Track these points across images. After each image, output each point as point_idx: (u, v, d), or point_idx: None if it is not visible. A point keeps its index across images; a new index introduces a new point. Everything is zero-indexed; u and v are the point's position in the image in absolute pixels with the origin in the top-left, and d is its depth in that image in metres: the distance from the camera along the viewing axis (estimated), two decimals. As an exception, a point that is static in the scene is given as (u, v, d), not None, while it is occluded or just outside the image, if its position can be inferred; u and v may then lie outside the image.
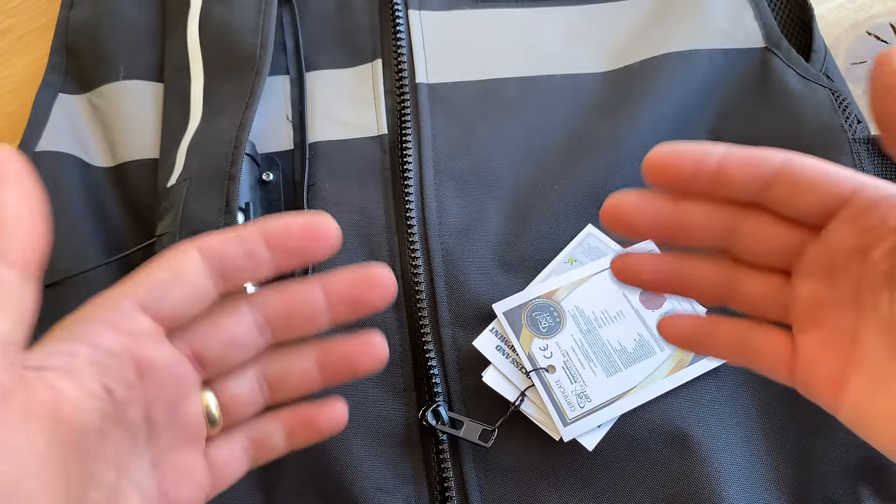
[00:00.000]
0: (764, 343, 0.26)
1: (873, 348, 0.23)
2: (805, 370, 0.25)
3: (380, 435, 0.38)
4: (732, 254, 0.26)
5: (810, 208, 0.24)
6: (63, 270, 0.40)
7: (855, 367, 0.24)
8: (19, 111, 0.52)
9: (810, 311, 0.25)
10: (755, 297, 0.26)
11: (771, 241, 0.25)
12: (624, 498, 0.36)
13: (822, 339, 0.25)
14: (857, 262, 0.24)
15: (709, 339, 0.27)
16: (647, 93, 0.44)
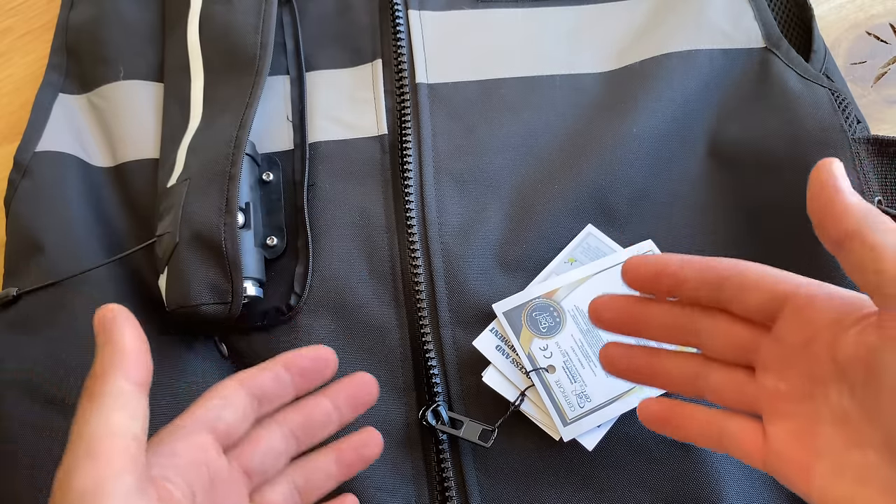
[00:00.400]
0: (737, 433, 0.28)
1: (829, 437, 0.26)
2: (775, 459, 0.27)
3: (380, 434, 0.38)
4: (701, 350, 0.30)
5: (757, 306, 0.27)
6: (63, 270, 0.40)
7: (817, 456, 0.26)
8: (20, 111, 0.52)
9: (773, 403, 0.28)
10: (724, 390, 0.29)
11: (728, 338, 0.29)
12: (624, 498, 0.36)
13: (787, 430, 0.27)
14: (805, 356, 0.27)
15: (684, 424, 0.30)
16: (646, 93, 0.44)
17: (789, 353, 0.27)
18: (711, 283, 0.28)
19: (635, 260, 0.30)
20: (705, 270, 0.28)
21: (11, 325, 0.40)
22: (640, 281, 0.30)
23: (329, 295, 0.41)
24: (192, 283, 0.38)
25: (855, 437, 0.25)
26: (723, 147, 0.43)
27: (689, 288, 0.29)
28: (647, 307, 0.31)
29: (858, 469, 0.25)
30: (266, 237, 0.42)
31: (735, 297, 0.28)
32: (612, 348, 0.33)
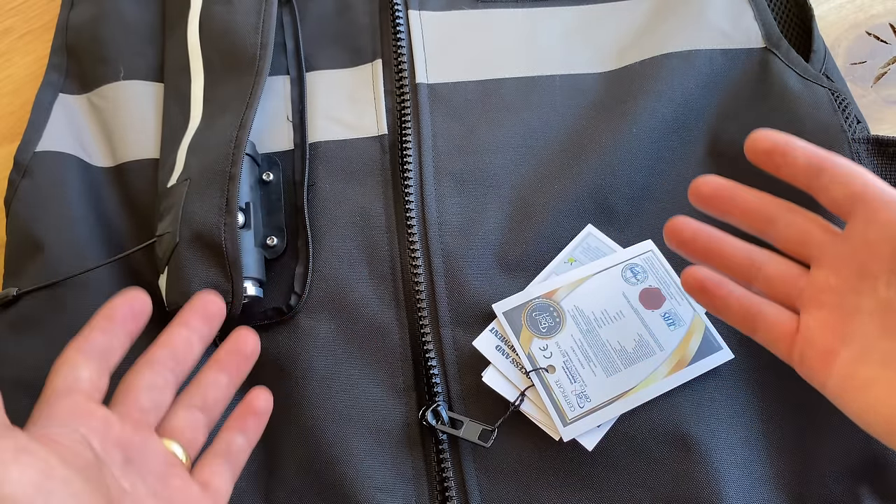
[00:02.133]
0: (772, 317, 0.31)
1: (865, 325, 0.28)
2: (802, 346, 0.29)
3: (380, 434, 0.38)
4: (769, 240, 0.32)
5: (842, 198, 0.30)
6: (63, 270, 0.40)
7: (846, 341, 0.28)
8: (20, 111, 0.52)
9: (818, 295, 0.30)
10: (775, 279, 0.31)
11: (801, 233, 0.31)
12: (624, 498, 0.36)
13: (823, 319, 0.29)
14: (866, 252, 0.29)
15: (724, 299, 0.32)
16: (646, 93, 0.44)
17: (852, 248, 0.29)
18: (814, 168, 0.30)
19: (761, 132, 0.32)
20: (812, 157, 0.31)
21: (11, 325, 0.40)
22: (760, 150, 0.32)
23: (329, 295, 0.41)
24: (192, 282, 0.38)
25: (892, 327, 0.27)
26: (723, 147, 0.43)
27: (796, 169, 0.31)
28: (740, 190, 0.33)
29: (887, 353, 0.27)
30: (266, 237, 0.42)
31: (828, 187, 0.30)
32: (683, 220, 0.34)
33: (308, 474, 0.38)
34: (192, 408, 0.32)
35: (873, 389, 0.27)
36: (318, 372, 0.39)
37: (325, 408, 0.38)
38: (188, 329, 0.33)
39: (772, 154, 0.32)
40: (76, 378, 0.29)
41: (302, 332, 0.40)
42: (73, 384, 0.29)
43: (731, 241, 0.33)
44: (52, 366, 0.29)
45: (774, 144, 0.31)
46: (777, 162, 0.32)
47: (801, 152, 0.31)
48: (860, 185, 0.29)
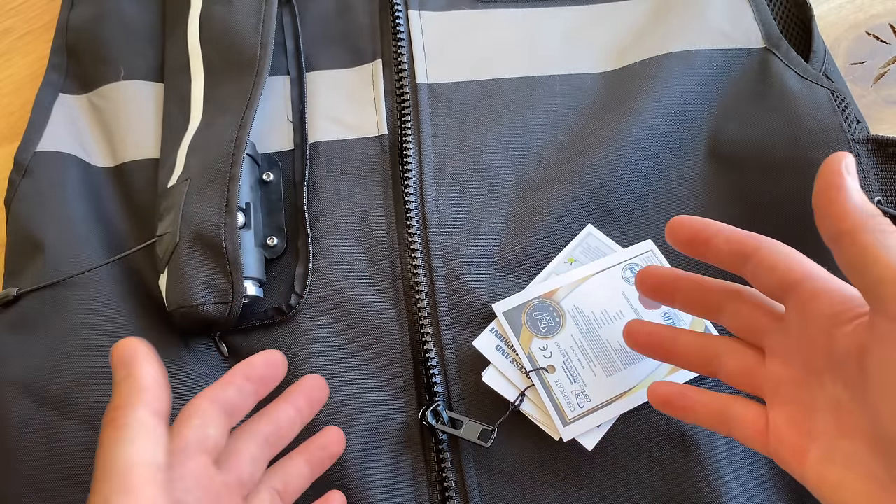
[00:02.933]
0: (741, 417, 0.30)
1: (823, 424, 0.27)
2: (775, 443, 0.28)
3: (380, 434, 0.38)
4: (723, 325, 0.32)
5: (771, 287, 0.29)
6: (63, 270, 0.40)
7: (811, 440, 0.27)
8: (20, 111, 0.52)
9: (776, 388, 0.29)
10: (736, 373, 0.31)
11: (747, 320, 0.31)
12: (623, 497, 0.36)
13: (786, 415, 0.28)
14: (806, 346, 0.28)
15: (692, 407, 0.32)
16: (646, 93, 0.44)
17: (793, 340, 0.29)
18: (739, 256, 0.30)
19: (678, 219, 0.32)
20: (734, 243, 0.30)
21: (11, 325, 0.40)
22: (678, 239, 0.32)
23: (329, 295, 0.41)
24: (192, 282, 0.38)
25: (845, 426, 0.26)
26: (722, 147, 0.43)
27: (720, 256, 0.31)
28: (681, 280, 0.33)
29: (847, 456, 0.26)
30: (266, 237, 0.42)
31: (755, 275, 0.30)
32: (635, 324, 0.35)
33: (308, 474, 0.38)
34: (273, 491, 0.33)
35: (842, 493, 0.26)
36: (318, 372, 0.39)
37: (325, 407, 0.38)
38: (295, 410, 0.34)
39: (692, 242, 0.31)
40: (206, 435, 0.30)
41: (302, 332, 0.40)
42: (203, 441, 0.30)
43: (684, 339, 0.33)
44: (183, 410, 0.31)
45: (693, 232, 0.31)
46: (701, 251, 0.31)
47: (723, 239, 0.30)
48: (790, 273, 0.28)
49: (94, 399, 0.38)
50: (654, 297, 0.34)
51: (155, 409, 0.28)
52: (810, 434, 0.27)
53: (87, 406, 0.37)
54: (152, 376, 0.29)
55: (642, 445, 0.37)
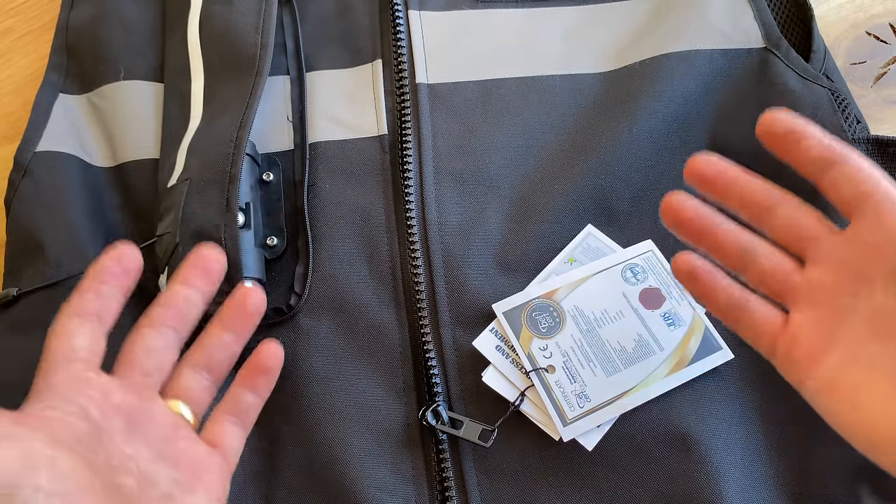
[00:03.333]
0: (757, 312, 0.30)
1: (856, 329, 0.27)
2: (787, 343, 0.29)
3: (380, 434, 0.38)
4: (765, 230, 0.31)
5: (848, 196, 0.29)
6: (63, 270, 0.40)
7: (833, 343, 0.27)
8: (20, 111, 0.52)
9: (811, 293, 0.29)
10: (768, 273, 0.30)
11: (797, 225, 0.30)
12: (624, 498, 0.36)
13: (814, 318, 0.28)
14: (867, 254, 0.28)
15: (712, 288, 0.31)
16: (646, 93, 0.44)
17: (853, 250, 0.28)
18: (825, 161, 0.29)
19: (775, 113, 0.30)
20: (826, 148, 0.29)
21: (11, 325, 0.40)
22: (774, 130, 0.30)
23: (329, 295, 0.41)
24: (192, 283, 0.38)
25: (883, 332, 0.27)
26: (722, 147, 0.43)
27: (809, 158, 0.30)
28: (741, 176, 0.31)
29: (875, 357, 0.26)
30: (266, 237, 0.42)
31: (835, 182, 0.29)
32: (682, 197, 0.32)
33: (308, 474, 0.38)
34: (198, 367, 0.32)
35: (857, 394, 0.26)
36: (318, 372, 0.39)
37: (324, 408, 0.38)
38: (188, 287, 0.33)
39: (786, 139, 0.30)
40: (72, 347, 0.29)
41: (302, 332, 0.40)
42: (70, 353, 0.28)
43: (727, 227, 0.31)
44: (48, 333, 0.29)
45: (790, 128, 0.30)
46: (790, 148, 0.30)
47: (815, 142, 0.29)
48: (871, 185, 0.28)
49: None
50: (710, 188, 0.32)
51: None
52: (834, 338, 0.28)
53: (87, 406, 0.37)
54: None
55: (642, 445, 0.37)
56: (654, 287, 0.40)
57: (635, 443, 0.37)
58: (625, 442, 0.37)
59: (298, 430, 0.38)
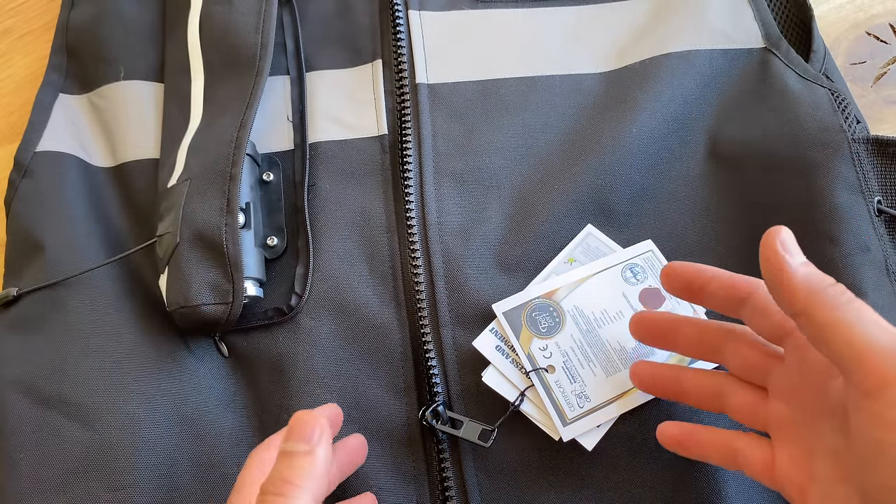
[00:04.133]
0: (748, 454, 0.30)
1: (825, 468, 0.27)
2: (781, 479, 0.29)
3: (380, 434, 0.38)
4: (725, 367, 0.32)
5: (767, 331, 0.30)
6: (63, 270, 0.40)
7: (812, 482, 0.27)
8: (20, 111, 0.52)
9: (780, 428, 0.29)
10: (742, 410, 0.31)
11: (747, 360, 0.31)
12: (623, 498, 0.36)
13: (789, 455, 0.29)
14: (805, 389, 0.28)
15: (701, 444, 0.32)
16: (646, 93, 0.44)
17: (793, 383, 0.29)
18: (734, 301, 0.30)
19: (672, 267, 0.32)
20: (728, 289, 0.30)
21: (12, 325, 0.40)
22: (675, 286, 0.32)
23: (329, 295, 0.41)
24: (192, 283, 0.38)
25: (841, 473, 0.26)
26: (722, 147, 0.43)
27: (717, 302, 0.31)
28: (680, 324, 0.33)
29: (844, 500, 0.26)
30: (266, 237, 0.42)
31: (751, 319, 0.30)
32: (641, 366, 0.35)
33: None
34: None
35: None
36: (318, 372, 0.39)
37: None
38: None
39: (689, 289, 0.32)
40: None
41: (302, 332, 0.40)
42: None
43: (690, 377, 0.33)
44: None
45: (688, 279, 0.31)
46: (697, 296, 0.32)
47: (716, 285, 0.30)
48: (782, 319, 0.29)
49: (94, 399, 0.38)
50: (655, 342, 0.35)
51: (318, 496, 0.28)
52: (811, 475, 0.28)
53: (87, 406, 0.37)
54: (326, 460, 0.28)
55: (642, 445, 0.37)
56: (654, 287, 0.40)
57: (635, 443, 0.37)
58: (625, 442, 0.37)
59: (298, 430, 0.38)
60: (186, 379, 0.39)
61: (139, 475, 0.36)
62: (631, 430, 0.37)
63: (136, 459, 0.37)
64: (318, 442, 0.28)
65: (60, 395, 0.38)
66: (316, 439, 0.28)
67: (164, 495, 0.37)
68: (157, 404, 0.38)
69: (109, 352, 0.39)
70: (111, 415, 0.37)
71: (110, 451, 0.37)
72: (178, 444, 0.38)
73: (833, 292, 0.26)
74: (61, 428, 0.37)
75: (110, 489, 0.36)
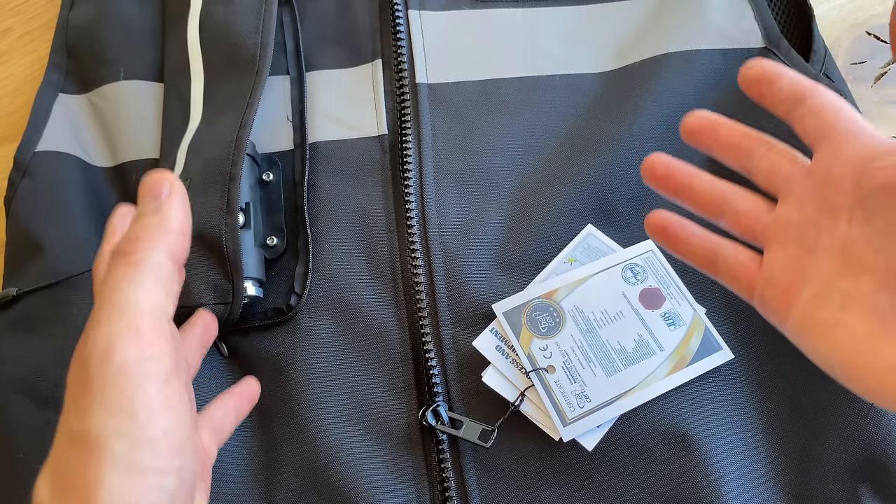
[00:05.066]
0: (732, 257, 0.30)
1: (824, 263, 0.26)
2: (763, 285, 0.28)
3: (380, 435, 0.38)
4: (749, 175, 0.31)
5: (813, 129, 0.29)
6: (63, 270, 0.40)
7: (806, 280, 0.27)
8: (20, 111, 0.52)
9: (781, 231, 0.29)
10: (744, 215, 0.30)
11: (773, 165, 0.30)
12: (623, 498, 0.36)
13: (784, 256, 0.28)
14: (828, 186, 0.27)
15: (685, 240, 0.31)
16: (646, 93, 0.44)
17: (815, 182, 0.28)
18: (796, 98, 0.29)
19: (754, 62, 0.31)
20: (796, 85, 0.29)
21: (12, 324, 0.40)
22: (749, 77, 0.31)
23: (329, 295, 0.41)
24: (192, 283, 0.38)
25: (851, 266, 0.26)
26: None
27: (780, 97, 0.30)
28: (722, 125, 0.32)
29: (846, 295, 0.26)
30: (266, 237, 0.42)
31: (803, 117, 0.29)
32: (659, 157, 0.33)
33: (308, 474, 0.38)
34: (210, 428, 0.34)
35: (833, 333, 0.26)
36: (318, 372, 0.39)
37: (325, 408, 0.38)
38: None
39: (759, 82, 0.30)
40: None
41: (302, 332, 0.40)
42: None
43: (702, 178, 0.32)
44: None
45: (762, 72, 0.30)
46: (762, 91, 0.30)
47: (786, 81, 0.30)
48: (832, 116, 0.28)
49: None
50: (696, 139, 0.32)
51: (175, 254, 0.26)
52: (805, 275, 0.27)
53: (87, 406, 0.37)
54: (181, 220, 0.27)
55: (642, 445, 0.37)
56: (654, 287, 0.40)
57: (635, 443, 0.37)
58: (625, 442, 0.37)
59: (298, 431, 0.38)
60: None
61: (139, 475, 0.36)
62: (631, 430, 0.37)
63: (135, 459, 0.37)
64: (169, 199, 0.27)
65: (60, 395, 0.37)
66: (165, 195, 0.27)
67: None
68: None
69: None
70: (111, 415, 0.37)
71: (110, 451, 0.37)
72: (178, 445, 0.38)
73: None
74: (61, 428, 0.37)
75: (110, 489, 0.36)
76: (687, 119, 0.32)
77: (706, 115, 0.32)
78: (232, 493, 0.38)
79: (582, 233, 0.42)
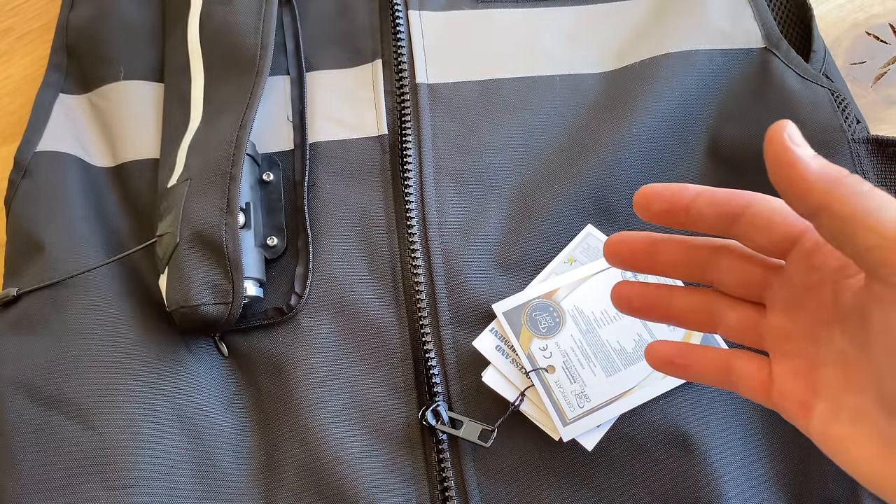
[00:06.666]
0: (744, 371, 0.29)
1: (830, 377, 0.26)
2: (779, 396, 0.27)
3: (380, 434, 0.38)
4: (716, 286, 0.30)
5: (768, 245, 0.27)
6: (63, 270, 0.40)
7: (816, 395, 0.26)
8: (20, 111, 0.52)
9: (779, 342, 0.28)
10: (737, 327, 0.29)
11: (741, 275, 0.29)
12: (623, 498, 0.36)
13: (790, 368, 0.27)
14: (812, 298, 0.27)
15: (693, 364, 0.30)
16: (646, 93, 0.44)
17: (797, 294, 0.27)
18: (727, 218, 0.27)
19: (647, 190, 0.29)
20: (720, 205, 0.27)
21: (11, 325, 0.40)
22: (653, 211, 0.29)
23: (329, 295, 0.41)
24: (192, 283, 0.38)
25: (853, 381, 0.25)
26: (722, 147, 0.43)
27: (705, 222, 0.28)
28: (663, 243, 0.30)
29: (854, 412, 0.25)
30: (266, 237, 0.42)
31: (748, 235, 0.27)
32: (625, 286, 0.32)
33: (308, 474, 0.38)
34: None
35: (849, 449, 0.25)
36: (318, 372, 0.39)
37: (325, 408, 0.38)
38: None
39: (671, 212, 0.28)
40: None
41: (302, 332, 0.40)
42: None
43: (681, 295, 0.31)
44: None
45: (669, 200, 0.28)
46: (680, 219, 0.28)
47: (703, 202, 0.28)
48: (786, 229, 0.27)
49: (94, 399, 0.38)
50: (631, 267, 0.31)
51: None
52: (816, 389, 0.26)
53: (87, 406, 0.37)
54: None
55: (642, 445, 0.37)
56: (654, 287, 0.40)
57: (635, 443, 0.37)
58: (625, 442, 0.37)
59: (298, 431, 0.38)
60: (186, 379, 0.39)
61: (139, 475, 0.36)
62: (631, 430, 0.37)
63: (136, 459, 0.37)
64: None
65: (60, 395, 0.38)
66: None
67: (164, 495, 0.37)
68: (157, 404, 0.38)
69: (109, 352, 0.39)
70: (111, 415, 0.37)
71: (110, 451, 0.37)
72: (178, 444, 0.38)
73: (852, 181, 0.23)
74: (61, 428, 0.37)
75: (110, 489, 0.36)
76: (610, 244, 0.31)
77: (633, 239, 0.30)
78: (232, 493, 0.38)
79: (582, 233, 0.42)
